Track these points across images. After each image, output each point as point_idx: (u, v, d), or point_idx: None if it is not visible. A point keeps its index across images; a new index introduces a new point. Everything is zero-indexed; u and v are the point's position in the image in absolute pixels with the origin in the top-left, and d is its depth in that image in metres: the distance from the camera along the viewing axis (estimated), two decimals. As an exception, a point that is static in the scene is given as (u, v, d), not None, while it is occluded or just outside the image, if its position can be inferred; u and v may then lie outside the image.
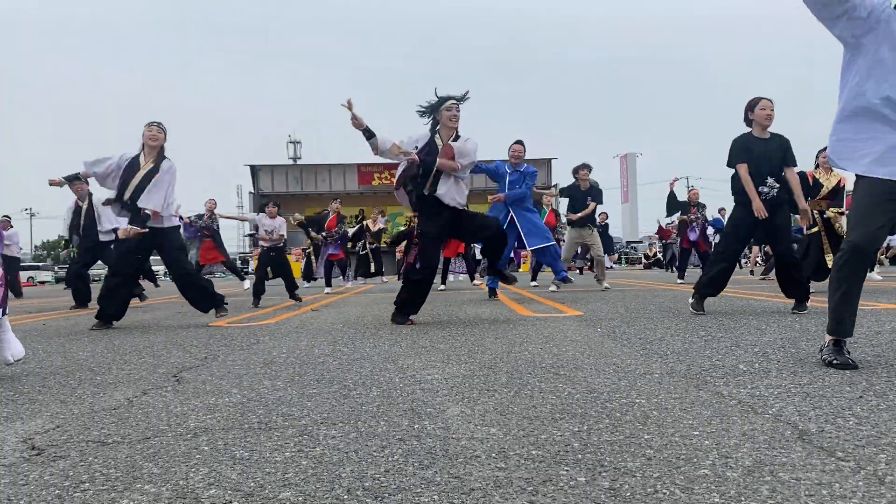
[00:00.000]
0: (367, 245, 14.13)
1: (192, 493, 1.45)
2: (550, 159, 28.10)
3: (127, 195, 5.44)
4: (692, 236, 11.81)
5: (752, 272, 15.68)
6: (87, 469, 1.65)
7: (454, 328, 4.72)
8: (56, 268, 41.26)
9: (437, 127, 5.22)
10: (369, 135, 5.09)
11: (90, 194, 9.00)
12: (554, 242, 8.23)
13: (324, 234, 11.82)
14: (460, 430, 1.91)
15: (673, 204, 11.72)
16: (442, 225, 5.19)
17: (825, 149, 4.93)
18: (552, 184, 27.41)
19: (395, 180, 5.38)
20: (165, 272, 37.39)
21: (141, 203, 5.39)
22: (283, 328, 5.14)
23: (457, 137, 5.19)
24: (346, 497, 1.40)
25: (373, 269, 14.47)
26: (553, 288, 9.33)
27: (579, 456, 1.63)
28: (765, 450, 1.63)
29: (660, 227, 17.02)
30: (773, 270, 12.25)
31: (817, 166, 7.84)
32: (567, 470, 1.53)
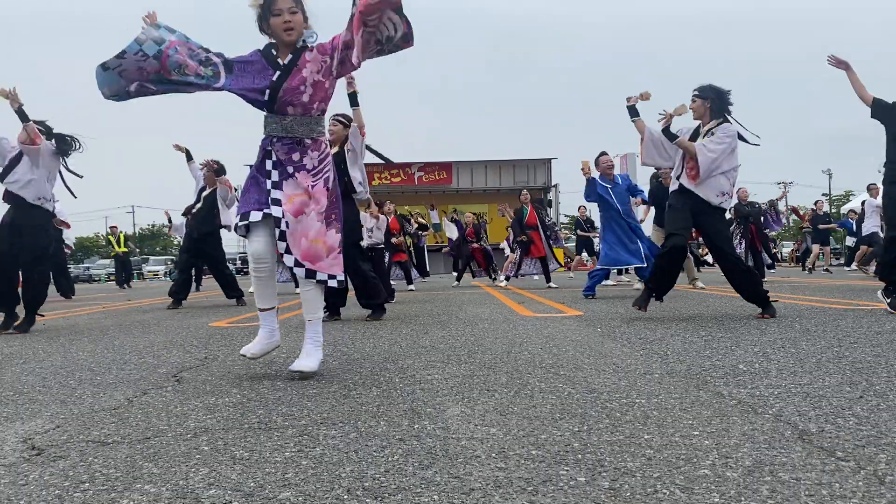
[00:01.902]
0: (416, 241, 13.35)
1: (192, 493, 1.45)
2: (550, 159, 28.04)
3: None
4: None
5: (811, 270, 15.62)
6: (87, 469, 1.65)
7: (454, 328, 4.72)
8: None
9: None
10: None
11: None
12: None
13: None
14: (460, 430, 1.91)
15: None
16: None
17: None
18: (552, 184, 27.40)
19: None
20: (167, 272, 37.44)
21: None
22: (283, 328, 5.13)
23: None
24: (346, 497, 1.40)
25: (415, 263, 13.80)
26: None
27: (579, 456, 1.63)
28: (765, 450, 1.63)
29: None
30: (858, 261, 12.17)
31: None
32: (567, 470, 1.53)
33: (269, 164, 2.91)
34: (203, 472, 1.59)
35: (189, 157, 8.56)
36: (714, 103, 4.94)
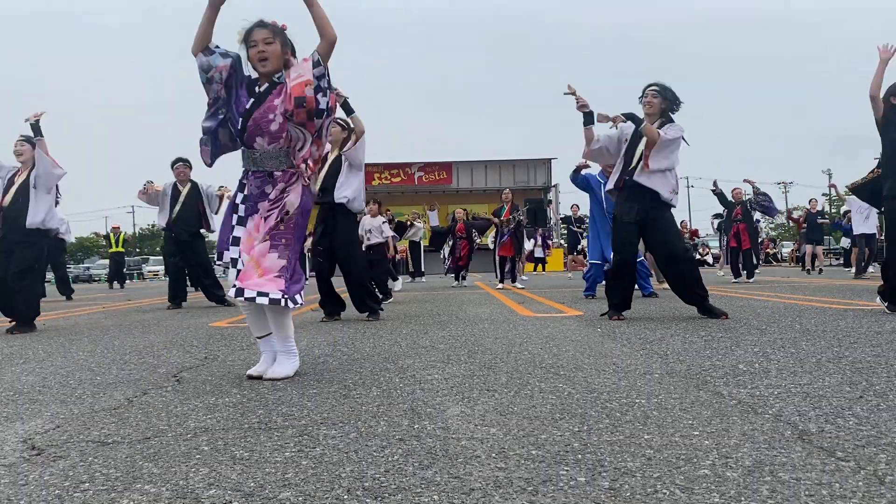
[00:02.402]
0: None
1: (192, 493, 1.45)
2: (550, 159, 28.06)
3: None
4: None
5: (808, 271, 15.58)
6: (87, 469, 1.65)
7: (454, 328, 4.72)
8: None
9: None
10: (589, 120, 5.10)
11: None
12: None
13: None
14: (460, 430, 1.91)
15: (725, 203, 11.94)
16: None
17: None
18: (552, 184, 27.40)
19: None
20: (167, 272, 37.46)
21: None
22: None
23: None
24: (346, 497, 1.40)
25: (411, 268, 13.70)
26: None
27: (579, 456, 1.63)
28: (765, 450, 1.63)
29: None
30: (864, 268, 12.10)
31: None
32: (567, 470, 1.53)
33: (239, 198, 2.95)
34: (203, 472, 1.59)
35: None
36: (667, 104, 5.00)
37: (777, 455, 1.58)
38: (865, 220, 12.74)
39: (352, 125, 5.41)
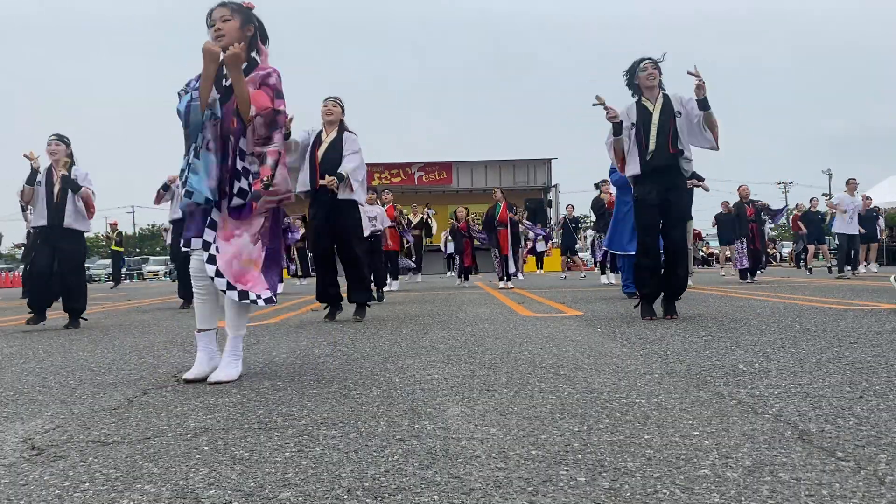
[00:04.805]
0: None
1: (192, 493, 1.45)
2: (550, 159, 28.05)
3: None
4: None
5: (810, 270, 15.57)
6: (87, 469, 1.65)
7: (454, 328, 4.72)
8: None
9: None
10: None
11: None
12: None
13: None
14: (460, 430, 1.91)
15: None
16: None
17: None
18: (552, 184, 27.39)
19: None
20: (167, 272, 37.43)
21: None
22: (283, 328, 5.14)
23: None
24: (346, 497, 1.40)
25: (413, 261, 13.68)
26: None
27: (579, 456, 1.63)
28: (765, 450, 1.63)
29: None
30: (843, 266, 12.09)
31: None
32: (567, 470, 1.53)
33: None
34: (203, 472, 1.59)
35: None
36: (660, 75, 5.03)
37: (777, 455, 1.58)
38: (849, 220, 12.71)
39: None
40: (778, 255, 30.53)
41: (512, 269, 11.55)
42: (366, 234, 8.26)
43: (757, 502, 1.30)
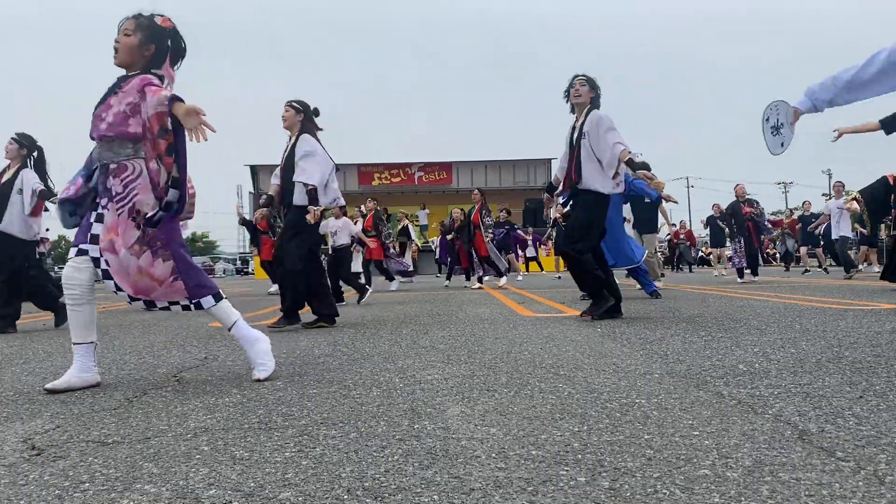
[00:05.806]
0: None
1: (192, 493, 1.45)
2: (550, 159, 28.07)
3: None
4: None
5: (807, 270, 15.50)
6: (87, 469, 1.65)
7: (454, 328, 4.72)
8: None
9: None
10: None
11: None
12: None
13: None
14: (460, 430, 1.91)
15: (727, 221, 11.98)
16: None
17: None
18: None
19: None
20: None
21: None
22: (282, 328, 5.13)
23: None
24: (346, 497, 1.40)
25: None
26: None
27: (579, 456, 1.63)
28: (765, 450, 1.63)
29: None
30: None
31: None
32: (567, 470, 1.53)
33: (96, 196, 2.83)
34: (203, 472, 1.59)
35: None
36: (594, 94, 5.05)
37: (777, 455, 1.58)
38: (836, 224, 12.75)
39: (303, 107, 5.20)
40: (778, 254, 30.51)
41: (481, 272, 11.76)
42: (331, 247, 8.23)
43: (757, 502, 1.30)
